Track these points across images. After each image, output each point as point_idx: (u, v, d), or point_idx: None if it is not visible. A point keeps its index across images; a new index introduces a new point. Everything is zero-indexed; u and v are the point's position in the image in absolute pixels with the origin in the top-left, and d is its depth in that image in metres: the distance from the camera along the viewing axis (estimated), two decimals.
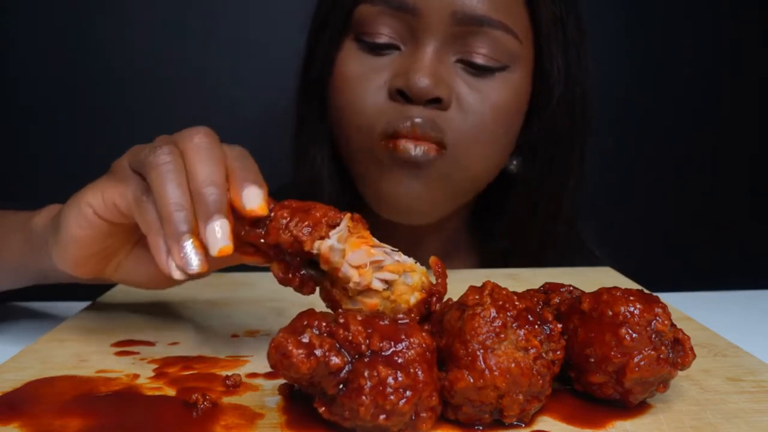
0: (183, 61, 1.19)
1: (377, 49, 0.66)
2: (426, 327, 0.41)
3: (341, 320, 0.35)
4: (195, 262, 0.40)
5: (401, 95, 0.64)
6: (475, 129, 0.66)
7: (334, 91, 0.69)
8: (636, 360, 0.37)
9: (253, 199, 0.41)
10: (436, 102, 0.64)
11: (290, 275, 0.43)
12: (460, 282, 0.50)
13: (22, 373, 0.44)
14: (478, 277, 0.69)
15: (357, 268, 0.40)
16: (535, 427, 0.37)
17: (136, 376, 0.44)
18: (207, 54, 1.20)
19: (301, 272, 0.43)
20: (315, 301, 0.61)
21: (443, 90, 0.63)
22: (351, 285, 0.40)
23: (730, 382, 0.43)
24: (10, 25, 1.15)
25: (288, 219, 0.41)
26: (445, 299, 0.42)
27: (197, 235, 0.40)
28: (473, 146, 0.66)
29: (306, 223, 0.41)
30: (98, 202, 0.44)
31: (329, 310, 0.43)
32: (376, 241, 0.42)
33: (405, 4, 0.64)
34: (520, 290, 0.42)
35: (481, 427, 0.37)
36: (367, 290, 0.40)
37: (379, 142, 0.66)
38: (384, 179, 0.67)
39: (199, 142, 0.42)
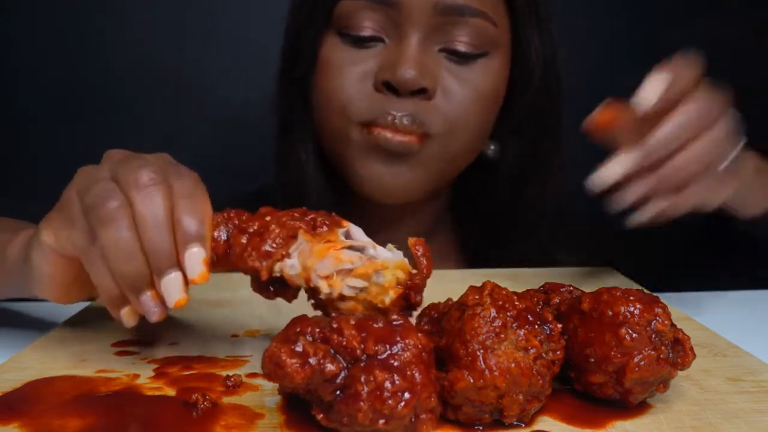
0: (182, 60, 1.19)
1: (361, 42, 0.67)
2: (425, 327, 0.41)
3: (335, 325, 0.35)
4: (155, 312, 0.40)
5: (388, 87, 0.66)
6: (458, 117, 0.68)
7: (318, 80, 0.70)
8: (636, 360, 0.37)
9: (195, 269, 0.40)
10: (422, 92, 0.65)
11: (264, 291, 0.44)
12: (460, 282, 0.50)
13: (22, 373, 0.44)
14: (478, 277, 0.69)
15: (326, 278, 0.40)
16: (535, 427, 0.37)
17: (136, 376, 0.44)
18: (206, 54, 1.20)
19: (271, 288, 0.44)
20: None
21: (428, 80, 0.65)
22: (322, 296, 0.41)
23: (730, 382, 0.43)
24: (10, 25, 1.15)
25: (244, 247, 0.41)
26: (444, 299, 0.42)
27: (152, 286, 0.40)
28: (456, 133, 0.68)
29: (260, 249, 0.41)
30: (53, 241, 0.43)
31: (321, 315, 0.43)
32: (354, 234, 0.42)
33: None
34: (520, 290, 0.42)
35: (481, 427, 0.37)
36: (340, 296, 0.40)
37: (355, 126, 0.68)
38: (360, 162, 0.69)
39: (143, 186, 0.40)
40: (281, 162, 0.77)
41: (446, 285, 0.59)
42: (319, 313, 0.44)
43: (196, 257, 0.40)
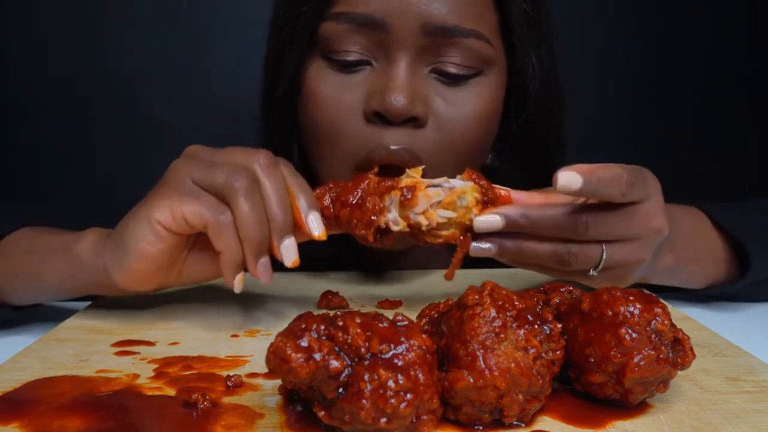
0: (183, 60, 1.20)
1: (348, 67, 0.63)
2: (425, 327, 0.41)
3: (340, 323, 0.35)
4: (266, 275, 0.49)
5: (378, 116, 0.62)
6: (453, 146, 0.64)
7: (307, 115, 0.66)
8: (636, 360, 0.37)
9: (316, 228, 0.50)
10: (413, 120, 0.62)
11: (372, 242, 0.52)
12: (460, 282, 0.50)
13: (22, 373, 0.44)
14: (478, 277, 0.70)
15: (422, 213, 0.49)
16: (535, 427, 0.37)
17: (136, 376, 0.44)
18: (207, 52, 1.20)
19: (377, 236, 0.52)
20: (312, 303, 0.61)
21: (419, 108, 0.61)
22: (423, 228, 0.50)
23: (730, 382, 0.43)
24: (9, 24, 1.16)
25: (349, 219, 0.51)
26: (444, 299, 0.42)
27: (268, 253, 0.49)
28: (451, 162, 0.64)
29: (364, 219, 0.50)
30: (166, 217, 0.48)
31: (326, 313, 0.43)
32: (427, 180, 0.51)
33: (372, 19, 0.61)
34: (520, 290, 0.42)
35: (481, 427, 0.37)
36: (438, 225, 0.49)
37: (355, 173, 0.63)
38: None
39: (266, 167, 0.49)
40: None
41: (446, 285, 0.59)
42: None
43: (316, 220, 0.50)
